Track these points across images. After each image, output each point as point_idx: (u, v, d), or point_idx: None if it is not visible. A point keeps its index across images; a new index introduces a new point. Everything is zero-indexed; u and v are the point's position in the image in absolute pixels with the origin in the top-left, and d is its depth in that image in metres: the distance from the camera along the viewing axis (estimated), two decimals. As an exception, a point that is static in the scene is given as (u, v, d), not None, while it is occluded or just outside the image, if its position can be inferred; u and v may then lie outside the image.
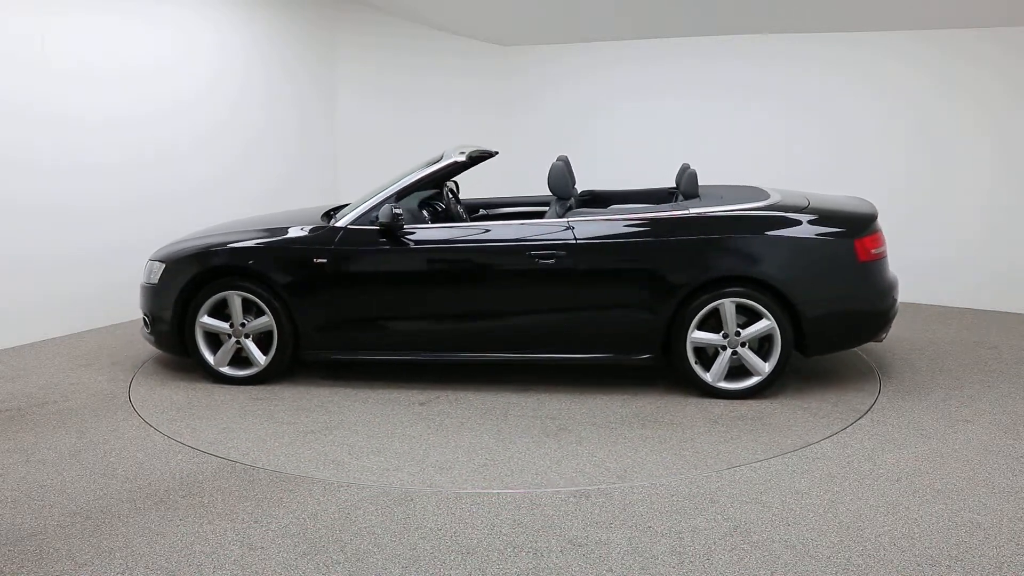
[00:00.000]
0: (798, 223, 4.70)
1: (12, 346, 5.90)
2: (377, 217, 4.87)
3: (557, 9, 7.85)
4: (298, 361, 5.15)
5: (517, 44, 8.76)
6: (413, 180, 5.07)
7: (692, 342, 4.70)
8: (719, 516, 3.33)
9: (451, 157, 5.13)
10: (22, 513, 3.42)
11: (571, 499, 3.50)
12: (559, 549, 3.09)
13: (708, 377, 4.71)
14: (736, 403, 4.66)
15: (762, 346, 4.73)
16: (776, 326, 4.61)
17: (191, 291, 5.04)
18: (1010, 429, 4.26)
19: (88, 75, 6.19)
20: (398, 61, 8.70)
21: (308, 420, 4.53)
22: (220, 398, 4.89)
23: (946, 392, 4.86)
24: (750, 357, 4.67)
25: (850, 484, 3.61)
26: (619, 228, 4.78)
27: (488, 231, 4.97)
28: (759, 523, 3.27)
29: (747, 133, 7.75)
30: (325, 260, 4.90)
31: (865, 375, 5.15)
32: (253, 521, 3.32)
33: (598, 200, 5.95)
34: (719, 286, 4.65)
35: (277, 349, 5.00)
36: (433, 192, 5.92)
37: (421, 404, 4.76)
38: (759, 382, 4.68)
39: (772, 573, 2.90)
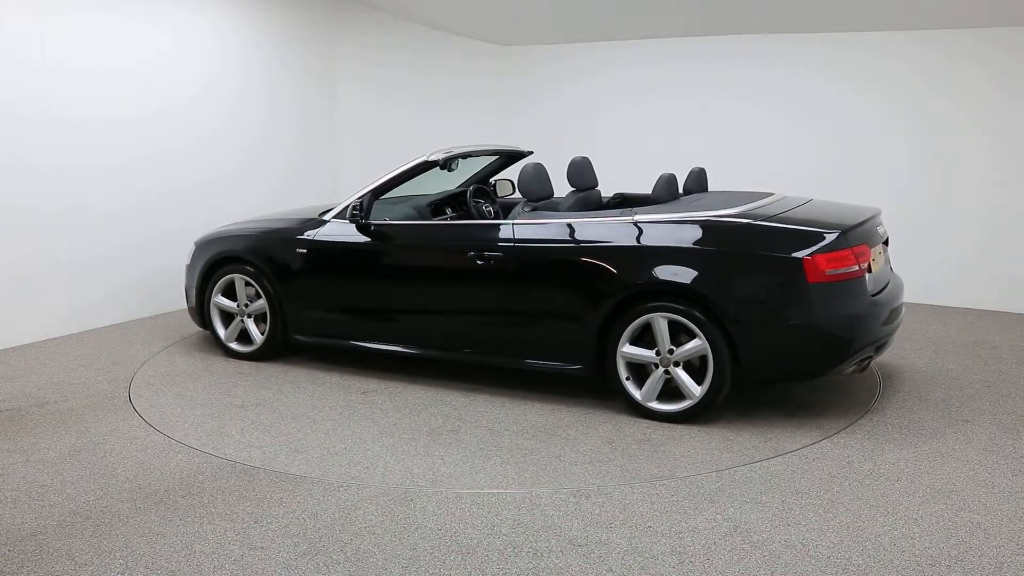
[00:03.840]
0: (747, 234, 4.23)
1: (12, 346, 5.90)
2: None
3: (557, 9, 7.84)
4: (288, 343, 5.47)
5: (517, 44, 8.77)
6: (387, 179, 5.20)
7: (623, 357, 4.37)
8: (719, 516, 3.33)
9: (425, 156, 5.19)
10: (22, 513, 3.42)
11: (571, 499, 3.50)
12: (559, 549, 3.09)
13: (639, 395, 4.37)
14: (660, 426, 4.28)
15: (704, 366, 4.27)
16: (708, 346, 4.17)
17: (209, 272, 5.60)
18: (1010, 429, 4.26)
19: (87, 76, 6.17)
20: (398, 61, 8.70)
21: (251, 396, 4.85)
22: (211, 369, 5.41)
23: (946, 392, 4.85)
24: (682, 378, 4.26)
25: (850, 484, 3.61)
26: (552, 232, 4.57)
27: (441, 230, 5.13)
28: (759, 523, 3.27)
29: (747, 134, 7.75)
30: (305, 251, 5.26)
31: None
32: (253, 521, 3.33)
33: (627, 203, 5.81)
34: (653, 298, 4.28)
35: (269, 329, 5.45)
36: (458, 191, 6.01)
37: (363, 393, 4.90)
38: (691, 406, 4.26)
39: (772, 573, 2.90)
